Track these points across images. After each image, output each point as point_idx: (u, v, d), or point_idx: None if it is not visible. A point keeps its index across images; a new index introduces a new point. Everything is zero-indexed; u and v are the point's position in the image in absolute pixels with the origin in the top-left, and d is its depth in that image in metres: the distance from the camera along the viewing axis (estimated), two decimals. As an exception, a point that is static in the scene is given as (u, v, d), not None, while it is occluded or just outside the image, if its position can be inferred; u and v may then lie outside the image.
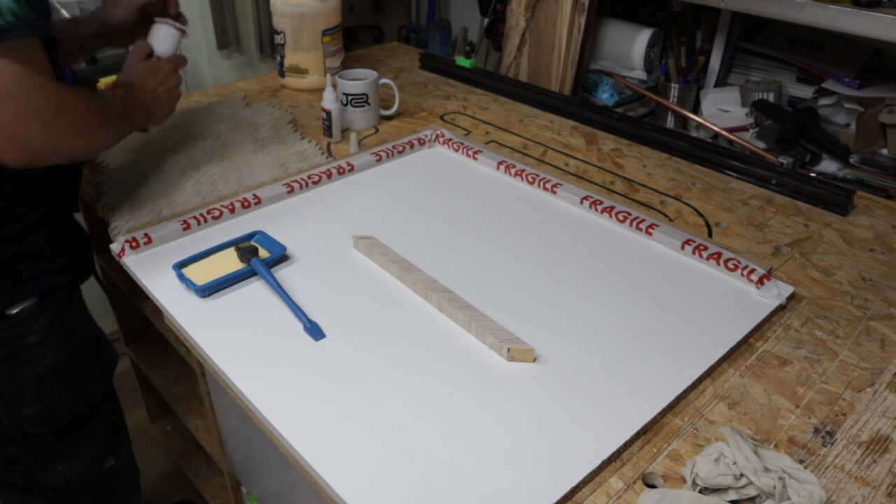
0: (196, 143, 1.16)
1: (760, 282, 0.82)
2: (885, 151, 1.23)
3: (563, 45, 1.49)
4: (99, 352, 0.98)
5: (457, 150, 1.15)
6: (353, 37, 2.34)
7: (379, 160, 1.11)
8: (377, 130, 1.26)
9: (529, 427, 0.63)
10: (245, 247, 0.86)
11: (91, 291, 1.02)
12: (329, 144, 1.19)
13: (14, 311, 0.85)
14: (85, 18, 1.04)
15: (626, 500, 0.58)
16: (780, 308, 0.81)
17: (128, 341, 1.47)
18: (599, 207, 0.96)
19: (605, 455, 0.61)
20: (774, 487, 0.55)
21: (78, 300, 0.96)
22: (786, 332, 0.78)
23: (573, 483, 0.58)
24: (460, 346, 0.73)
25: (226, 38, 1.81)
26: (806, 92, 1.42)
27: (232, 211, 0.96)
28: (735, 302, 0.81)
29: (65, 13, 1.57)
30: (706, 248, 0.87)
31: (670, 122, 1.57)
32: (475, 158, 1.12)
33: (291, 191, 1.01)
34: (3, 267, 0.83)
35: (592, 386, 0.68)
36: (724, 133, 1.39)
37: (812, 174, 1.18)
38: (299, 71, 1.40)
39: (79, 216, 1.18)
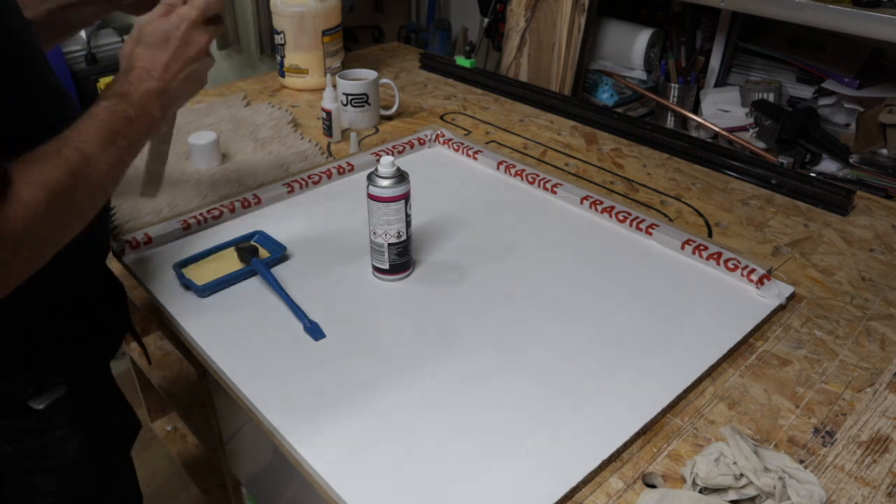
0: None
1: (760, 282, 0.82)
2: (885, 151, 1.23)
3: (563, 45, 1.49)
4: (122, 426, 0.86)
5: (457, 150, 1.15)
6: (353, 37, 2.34)
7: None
8: (377, 130, 1.26)
9: (529, 427, 0.63)
10: (245, 247, 0.86)
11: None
12: (329, 144, 1.19)
13: (41, 407, 0.69)
14: None
15: (626, 500, 0.58)
16: (780, 308, 0.81)
17: (127, 341, 1.47)
18: (599, 207, 0.96)
19: (605, 455, 0.61)
20: (774, 487, 0.55)
21: (108, 377, 0.83)
22: (786, 332, 0.78)
23: (573, 483, 0.58)
24: (460, 346, 0.73)
25: (226, 38, 1.81)
26: (806, 92, 1.42)
27: (232, 211, 0.96)
28: (735, 302, 0.81)
29: None
30: (706, 248, 0.87)
31: (670, 122, 1.57)
32: (475, 158, 1.12)
33: (291, 191, 1.01)
34: (28, 356, 0.68)
35: (592, 386, 0.68)
36: (724, 133, 1.39)
37: (812, 174, 1.18)
38: (299, 71, 1.40)
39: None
